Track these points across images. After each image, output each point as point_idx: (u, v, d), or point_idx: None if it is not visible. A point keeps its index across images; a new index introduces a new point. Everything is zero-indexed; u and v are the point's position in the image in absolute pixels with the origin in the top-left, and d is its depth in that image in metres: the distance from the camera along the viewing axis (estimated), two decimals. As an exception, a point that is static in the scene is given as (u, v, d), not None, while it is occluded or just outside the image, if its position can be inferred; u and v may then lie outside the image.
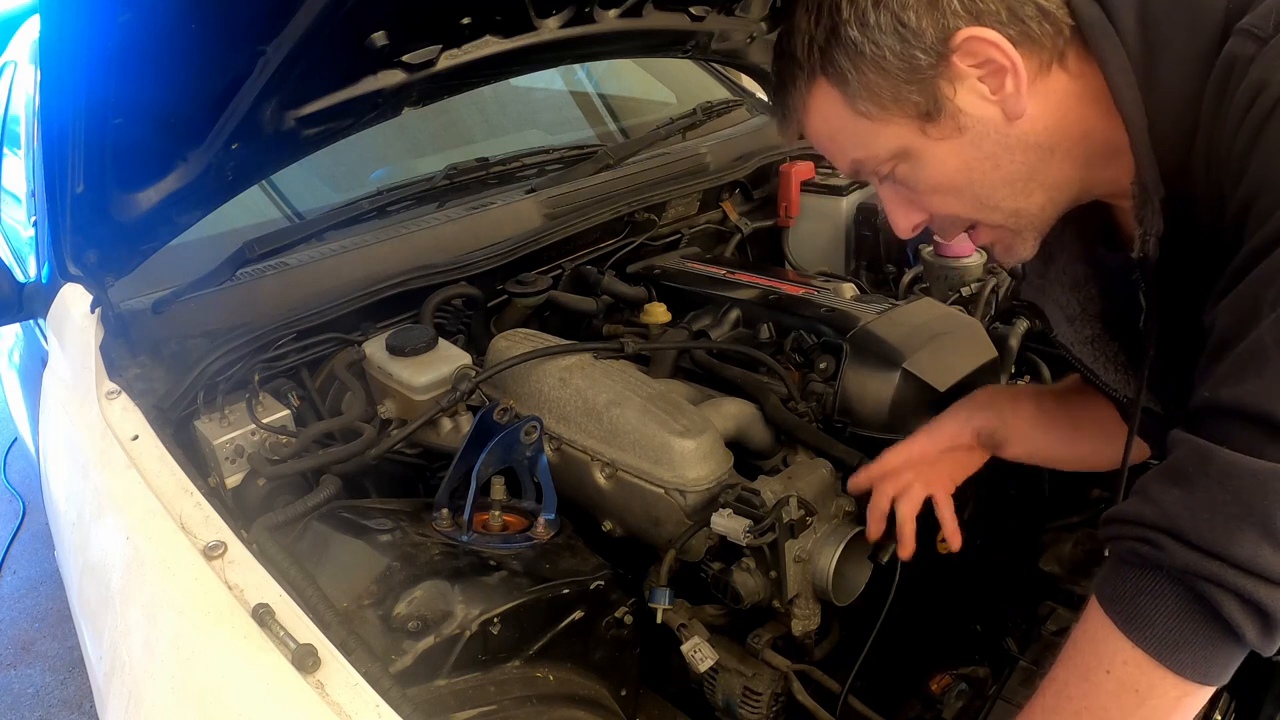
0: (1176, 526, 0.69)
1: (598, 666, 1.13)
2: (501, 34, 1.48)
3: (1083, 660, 0.78)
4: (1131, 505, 0.74)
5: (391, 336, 1.42)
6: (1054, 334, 1.10)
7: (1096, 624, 0.76)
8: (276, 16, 1.12)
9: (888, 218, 0.99)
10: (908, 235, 0.98)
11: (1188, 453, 0.71)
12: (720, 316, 1.66)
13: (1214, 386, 0.71)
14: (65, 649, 2.80)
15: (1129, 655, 0.74)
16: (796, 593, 1.17)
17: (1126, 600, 0.74)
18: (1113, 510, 0.77)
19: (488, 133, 2.42)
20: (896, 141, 0.88)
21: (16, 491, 3.65)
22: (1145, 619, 0.72)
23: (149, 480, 1.10)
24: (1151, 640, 0.72)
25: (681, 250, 2.00)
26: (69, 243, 1.33)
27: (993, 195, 0.89)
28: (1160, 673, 0.72)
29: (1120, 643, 0.74)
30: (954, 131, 0.86)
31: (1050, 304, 1.09)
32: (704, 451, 1.20)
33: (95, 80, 1.08)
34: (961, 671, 1.41)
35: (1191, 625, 0.71)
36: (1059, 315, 1.09)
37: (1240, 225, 0.73)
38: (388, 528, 1.15)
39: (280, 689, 0.82)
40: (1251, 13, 0.75)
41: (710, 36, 1.92)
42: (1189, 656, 0.71)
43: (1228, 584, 0.67)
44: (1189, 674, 0.72)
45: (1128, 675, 0.74)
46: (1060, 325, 1.09)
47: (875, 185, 0.98)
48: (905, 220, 0.96)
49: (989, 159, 0.87)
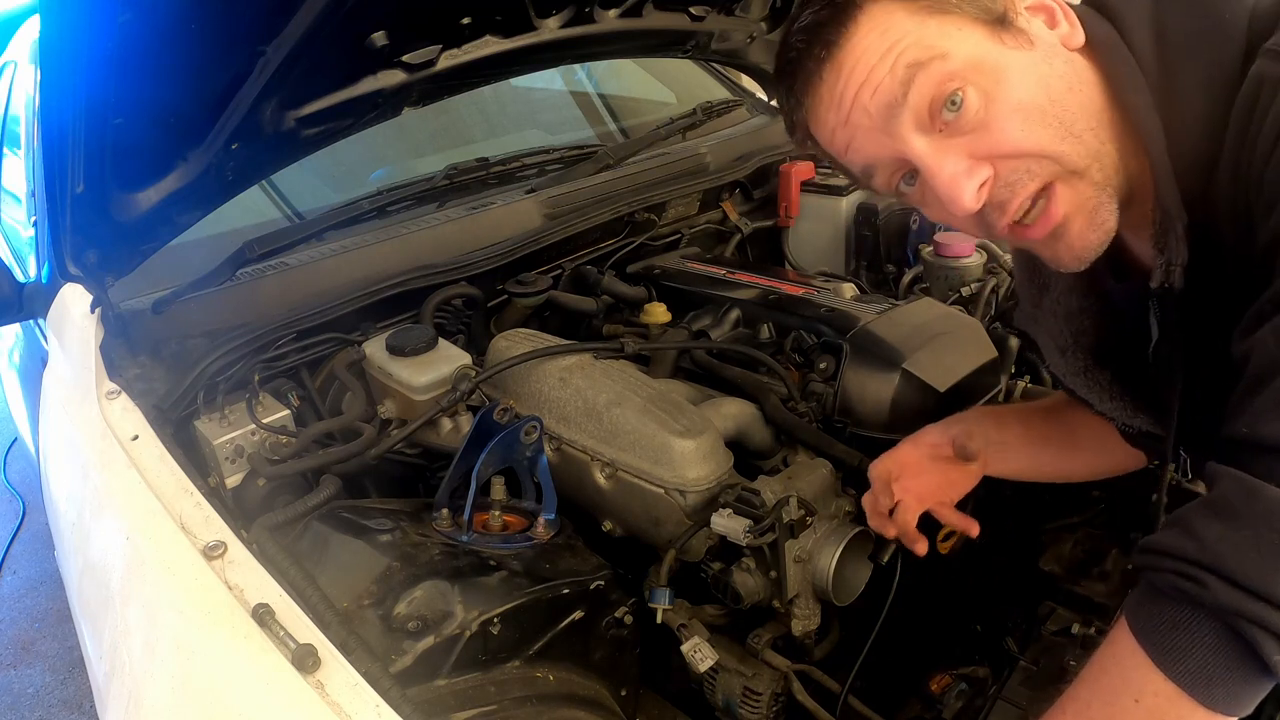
0: (1221, 564, 0.68)
1: (598, 666, 1.13)
2: (501, 34, 1.48)
3: (1109, 684, 0.77)
4: (1172, 537, 0.72)
5: (391, 336, 1.42)
6: (1046, 364, 1.09)
7: (1127, 651, 0.75)
8: (276, 16, 1.12)
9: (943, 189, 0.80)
10: (971, 205, 0.80)
11: (1232, 488, 0.69)
12: (720, 316, 1.66)
13: (1253, 422, 0.70)
14: (65, 649, 2.80)
15: (1160, 687, 0.72)
16: (796, 593, 1.17)
17: (1162, 633, 0.72)
18: (1151, 540, 0.75)
19: (488, 133, 2.42)
20: (972, 47, 0.78)
21: (16, 491, 3.65)
22: (1181, 653, 0.71)
23: (149, 480, 1.10)
24: (1185, 675, 0.71)
25: (681, 250, 2.00)
26: (69, 243, 1.33)
27: (1076, 120, 0.79)
28: (1190, 705, 0.71)
29: (1152, 673, 0.73)
30: (1026, 44, 0.80)
31: (1042, 334, 1.08)
32: (704, 451, 1.20)
33: (95, 80, 1.08)
34: (961, 671, 1.41)
35: (1227, 661, 0.70)
36: (1051, 346, 1.07)
37: (1272, 255, 0.71)
38: (388, 528, 1.14)
39: (280, 689, 0.82)
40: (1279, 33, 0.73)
41: (710, 36, 1.93)
42: (1221, 691, 0.71)
43: (1270, 625, 0.66)
44: (1219, 708, 0.71)
45: (1157, 706, 0.73)
46: (1052, 356, 1.08)
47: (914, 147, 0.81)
48: (969, 178, 0.79)
49: (1062, 79, 0.79)
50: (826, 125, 0.87)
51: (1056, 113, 0.79)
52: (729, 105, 2.33)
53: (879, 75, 0.81)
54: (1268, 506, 0.66)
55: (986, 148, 0.79)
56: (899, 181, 0.88)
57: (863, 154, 0.87)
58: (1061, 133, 0.79)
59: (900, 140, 0.82)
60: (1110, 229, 0.83)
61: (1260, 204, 0.72)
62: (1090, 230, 0.82)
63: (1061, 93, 0.79)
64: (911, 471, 1.18)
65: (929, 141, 0.81)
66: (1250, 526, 0.67)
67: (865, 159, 0.87)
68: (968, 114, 0.78)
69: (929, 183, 0.83)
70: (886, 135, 0.83)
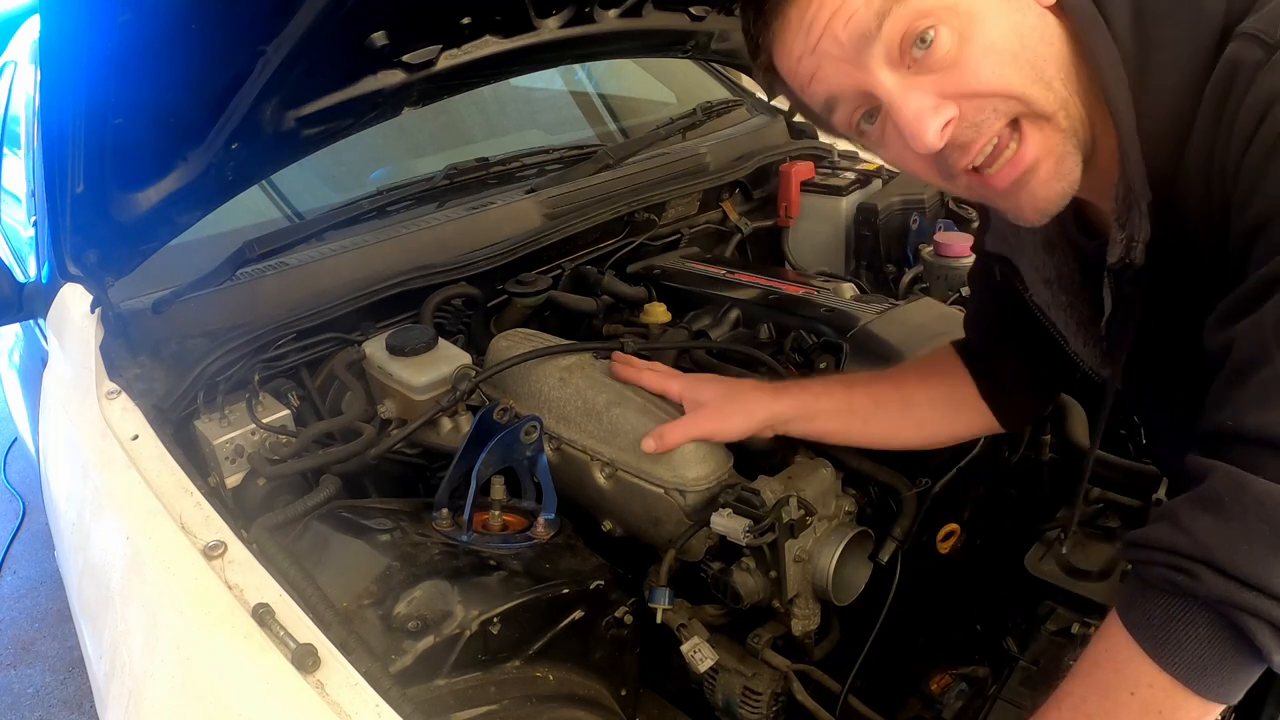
0: (1212, 556, 0.68)
1: (598, 666, 1.13)
2: (501, 34, 1.48)
3: (1103, 679, 0.77)
4: (1162, 531, 0.73)
5: (391, 336, 1.42)
6: (1029, 293, 1.05)
7: (1120, 645, 0.75)
8: (276, 16, 1.12)
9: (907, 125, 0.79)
10: (935, 142, 0.79)
11: (1220, 481, 0.69)
12: (720, 316, 1.66)
13: (1237, 414, 0.70)
14: (65, 649, 2.80)
15: (1154, 679, 0.73)
16: (796, 593, 1.17)
17: (1155, 625, 0.73)
18: (1141, 534, 0.75)
19: (488, 133, 2.42)
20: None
21: (16, 491, 3.65)
22: (1175, 645, 0.72)
23: (149, 480, 1.10)
24: (1180, 666, 0.72)
25: (681, 250, 1.99)
26: (69, 243, 1.33)
27: (1047, 67, 0.78)
28: (1185, 695, 0.72)
29: (1146, 666, 0.73)
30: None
31: (1025, 262, 1.05)
32: (704, 451, 1.20)
33: (95, 80, 1.08)
34: (961, 671, 1.41)
35: (1221, 651, 0.70)
36: (1035, 276, 1.04)
37: (1248, 245, 0.71)
38: (388, 528, 1.14)
39: (280, 689, 0.82)
40: (1255, 15, 0.72)
41: (710, 36, 1.93)
42: (1215, 680, 0.71)
43: (1263, 614, 0.66)
44: (1213, 696, 0.72)
45: (1152, 697, 0.73)
46: (1036, 286, 1.05)
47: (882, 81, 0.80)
48: (935, 115, 0.78)
49: (1035, 30, 0.79)
50: (793, 52, 0.85)
51: (1029, 57, 0.78)
52: (729, 105, 2.33)
53: (854, 3, 0.79)
54: (1256, 498, 0.67)
55: (955, 86, 0.78)
56: (859, 119, 0.87)
57: (827, 84, 0.85)
58: (1032, 76, 0.78)
59: (868, 72, 0.81)
60: (1074, 181, 0.82)
61: (1236, 193, 0.72)
62: (1055, 178, 0.81)
63: (1034, 41, 0.78)
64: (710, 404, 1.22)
65: (897, 77, 0.80)
66: (1240, 518, 0.67)
67: (829, 90, 0.85)
68: (938, 52, 0.77)
69: (893, 118, 0.81)
70: (855, 66, 0.81)
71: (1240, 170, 0.71)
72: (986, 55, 0.77)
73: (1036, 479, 1.54)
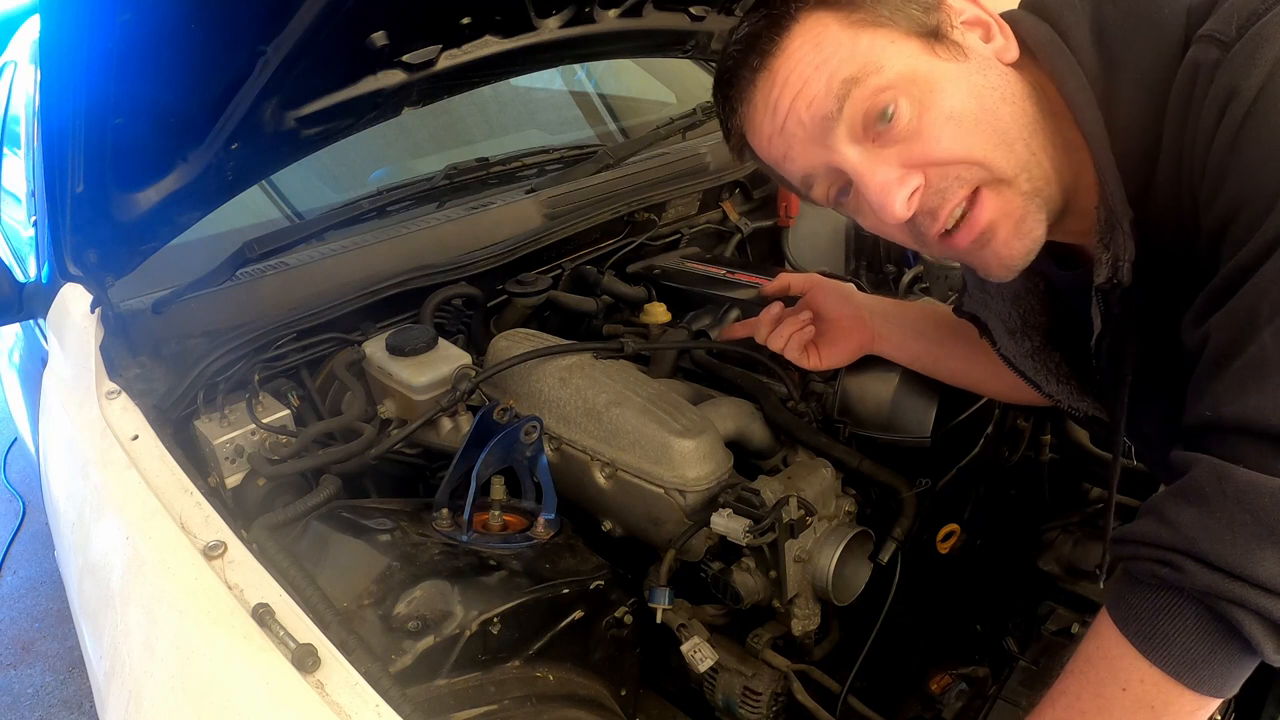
0: (1196, 548, 0.68)
1: (598, 666, 1.13)
2: (501, 34, 1.48)
3: (1096, 676, 0.77)
4: (1147, 526, 0.73)
5: (391, 336, 1.42)
6: (997, 347, 1.08)
7: (1111, 641, 0.76)
8: (276, 16, 1.12)
9: (874, 197, 0.82)
10: (902, 212, 0.82)
11: (1202, 473, 0.70)
12: (720, 316, 1.66)
13: (1215, 404, 0.70)
14: (65, 649, 2.80)
15: (1146, 674, 0.73)
16: (796, 593, 1.17)
17: (1144, 621, 0.73)
18: (1126, 530, 0.75)
19: (488, 133, 2.42)
20: (905, 60, 0.80)
21: (16, 491, 3.65)
22: (1164, 639, 0.72)
23: (149, 480, 1.10)
24: (1170, 660, 0.72)
25: (681, 250, 1.99)
26: (69, 243, 1.33)
27: (1008, 130, 0.80)
28: (1178, 690, 0.72)
29: (1137, 661, 0.73)
30: (960, 55, 0.81)
31: (992, 317, 1.08)
32: (704, 451, 1.20)
33: (95, 80, 1.08)
34: (961, 671, 1.41)
35: (1210, 644, 0.70)
36: (1000, 329, 1.08)
37: (1217, 241, 0.71)
38: (388, 528, 1.14)
39: (280, 689, 0.82)
40: (1212, 18, 0.73)
41: (710, 36, 1.92)
42: (1207, 673, 0.71)
43: (1250, 604, 0.66)
44: (1206, 690, 0.72)
45: (1145, 693, 0.73)
46: (1002, 339, 1.08)
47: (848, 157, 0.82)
48: (901, 186, 0.80)
49: (996, 91, 0.81)
50: (763, 133, 0.89)
51: (989, 121, 0.80)
52: (729, 105, 2.32)
53: (814, 88, 0.83)
54: (1238, 488, 0.67)
55: (918, 155, 0.81)
56: (835, 193, 0.90)
57: (799, 164, 0.89)
58: (994, 140, 0.80)
59: (834, 151, 0.84)
60: (1038, 238, 0.84)
61: (1204, 190, 0.72)
62: (1015, 238, 0.84)
63: (995, 103, 0.81)
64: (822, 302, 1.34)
65: (861, 151, 0.83)
66: (1223, 509, 0.67)
67: (802, 169, 0.89)
68: (899, 124, 0.80)
69: (861, 192, 0.84)
70: (821, 146, 0.85)
71: (1206, 169, 0.71)
72: (947, 123, 0.80)
73: (1036, 479, 1.54)
